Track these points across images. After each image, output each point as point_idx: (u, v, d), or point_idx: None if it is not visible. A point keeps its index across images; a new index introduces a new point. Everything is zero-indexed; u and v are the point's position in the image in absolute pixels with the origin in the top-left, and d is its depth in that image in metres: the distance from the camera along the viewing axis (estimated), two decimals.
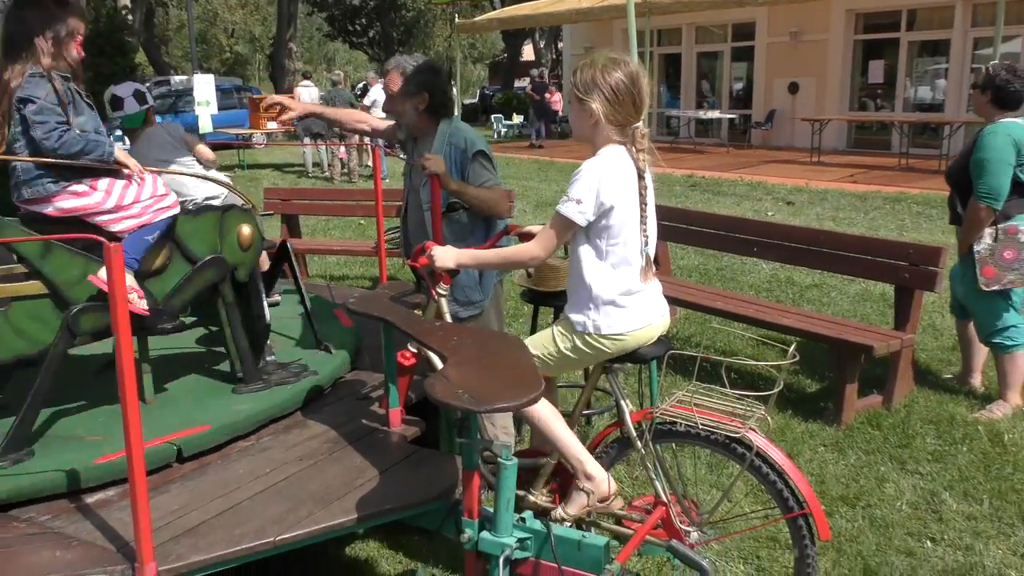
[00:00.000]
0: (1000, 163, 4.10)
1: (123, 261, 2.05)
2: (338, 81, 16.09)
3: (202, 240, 3.23)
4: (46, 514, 2.46)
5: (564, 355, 2.59)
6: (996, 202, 4.14)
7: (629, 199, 2.47)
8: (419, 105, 3.39)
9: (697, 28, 20.51)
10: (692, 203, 11.15)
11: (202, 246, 3.22)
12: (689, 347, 5.37)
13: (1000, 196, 4.14)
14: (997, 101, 4.22)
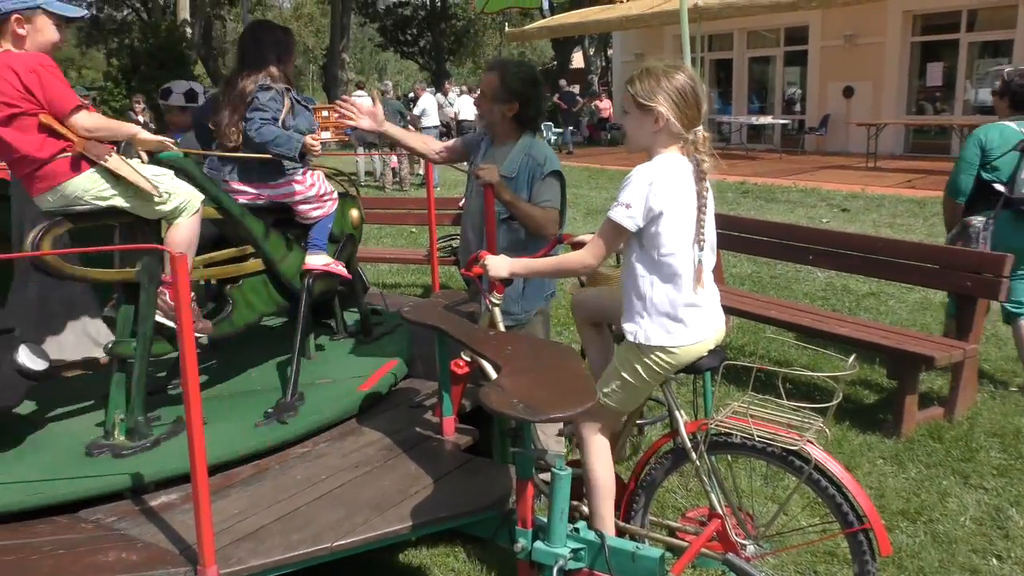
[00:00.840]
0: (964, 162, 4.56)
1: (188, 270, 2.11)
2: (387, 91, 16.28)
3: (336, 223, 3.84)
4: (112, 516, 2.53)
5: (628, 382, 2.55)
6: (956, 197, 4.59)
7: (683, 206, 2.44)
8: (507, 112, 3.37)
9: (749, 33, 20.30)
10: (744, 210, 11.03)
11: (336, 228, 3.84)
12: (742, 356, 5.31)
13: (959, 192, 4.57)
14: (1014, 105, 4.55)
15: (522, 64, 3.56)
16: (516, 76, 3.37)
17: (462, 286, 6.86)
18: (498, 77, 3.37)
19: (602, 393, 2.57)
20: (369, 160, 16.33)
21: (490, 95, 3.39)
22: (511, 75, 3.37)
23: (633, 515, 2.77)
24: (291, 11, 49.71)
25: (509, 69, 3.41)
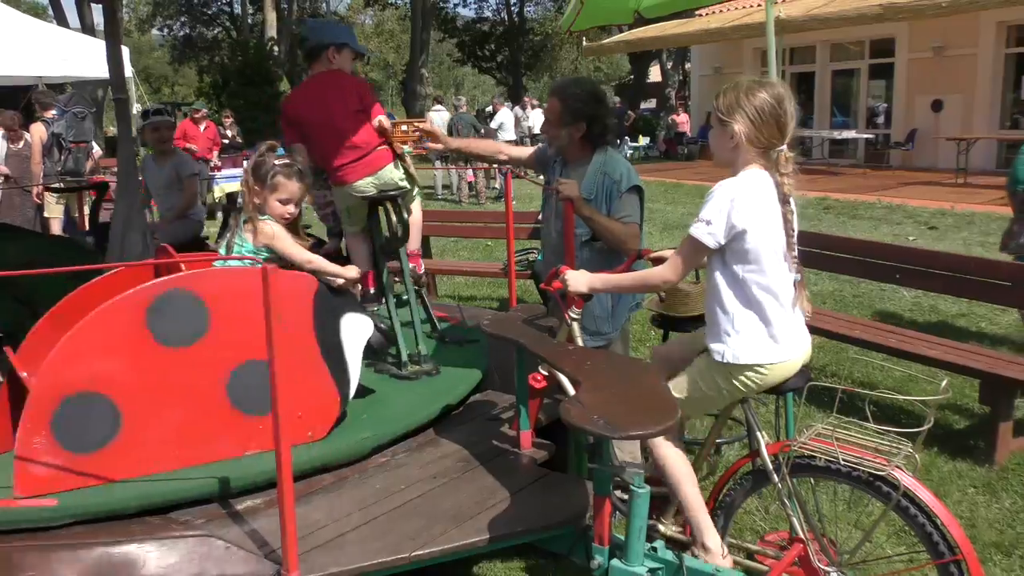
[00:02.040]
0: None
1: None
2: (460, 106, 16.47)
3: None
4: (201, 518, 2.61)
5: (704, 392, 2.53)
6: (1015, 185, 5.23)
7: (768, 224, 2.40)
8: (575, 133, 3.38)
9: (832, 45, 19.85)
10: (826, 227, 10.76)
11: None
12: (824, 377, 5.18)
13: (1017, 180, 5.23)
14: None
15: (581, 82, 3.53)
16: (578, 96, 3.37)
17: (538, 300, 6.88)
18: (560, 101, 3.38)
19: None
20: (446, 174, 16.54)
21: (555, 120, 3.40)
22: (572, 96, 3.36)
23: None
24: (372, 27, 50.80)
25: (569, 90, 3.40)
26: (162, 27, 41.57)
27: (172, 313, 2.78)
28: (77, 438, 2.67)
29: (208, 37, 39.67)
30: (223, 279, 2.98)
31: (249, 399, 2.88)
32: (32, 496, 2.60)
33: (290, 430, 2.40)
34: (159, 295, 2.77)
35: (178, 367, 2.78)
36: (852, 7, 14.24)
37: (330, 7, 35.38)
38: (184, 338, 2.80)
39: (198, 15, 38.94)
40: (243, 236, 3.21)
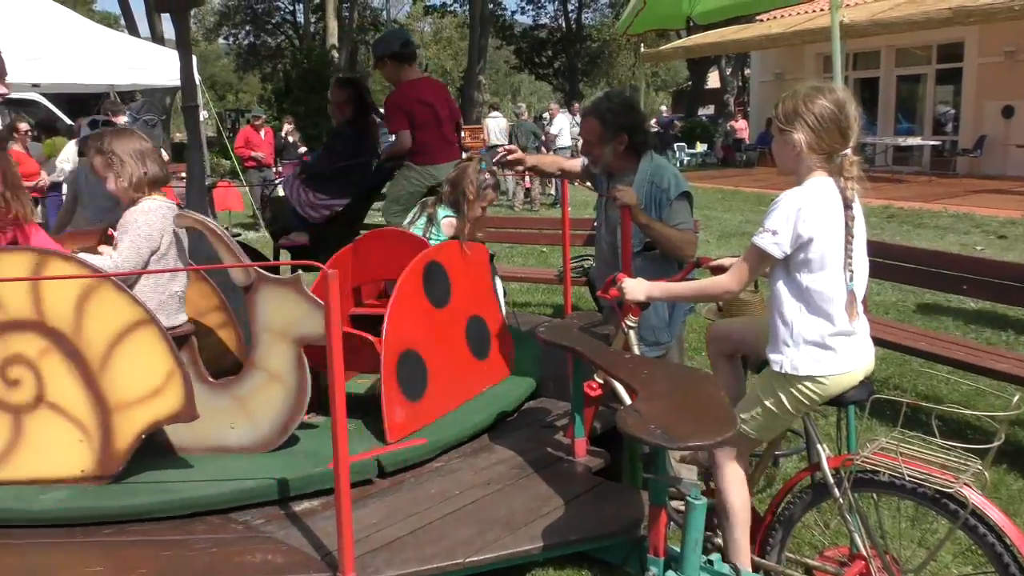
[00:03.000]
0: None
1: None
2: (520, 113, 16.52)
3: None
4: (260, 518, 2.66)
5: (769, 411, 2.47)
6: None
7: (832, 232, 2.36)
8: (618, 147, 3.39)
9: (897, 50, 19.42)
10: (889, 235, 10.51)
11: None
12: (887, 389, 5.05)
13: None
14: None
15: (612, 95, 3.56)
16: (612, 110, 3.39)
17: (592, 307, 6.85)
18: (597, 120, 3.39)
19: (740, 419, 2.51)
20: (503, 180, 16.61)
21: (597, 140, 3.42)
22: (607, 111, 3.39)
23: (769, 550, 2.67)
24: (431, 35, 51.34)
25: (603, 107, 3.43)
26: (228, 36, 42.60)
27: (435, 280, 3.46)
28: (411, 389, 3.24)
29: (272, 45, 40.52)
30: (452, 251, 3.65)
31: (477, 347, 3.67)
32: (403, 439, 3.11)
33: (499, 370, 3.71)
34: (426, 265, 3.42)
35: (443, 325, 3.48)
36: (919, 11, 13.91)
37: (390, 16, 35.83)
38: (442, 300, 3.50)
39: (262, 24, 39.82)
40: (440, 228, 4.00)
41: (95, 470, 2.82)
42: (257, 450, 3.01)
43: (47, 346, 2.76)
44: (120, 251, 3.01)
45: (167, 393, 2.78)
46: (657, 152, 3.52)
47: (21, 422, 2.80)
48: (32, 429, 2.81)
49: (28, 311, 2.75)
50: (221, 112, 26.99)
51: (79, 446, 2.82)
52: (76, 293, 2.74)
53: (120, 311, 2.75)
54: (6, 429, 2.80)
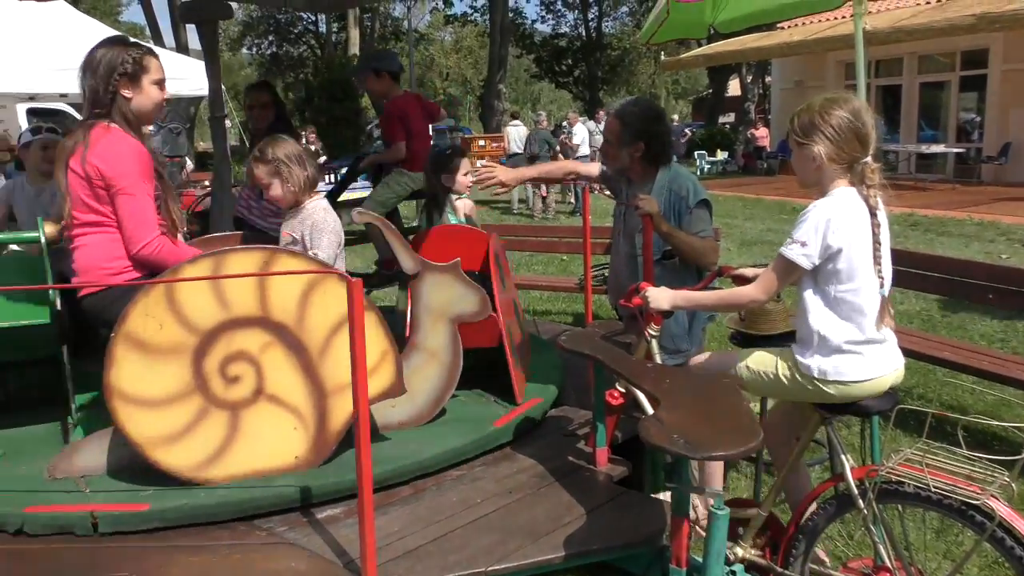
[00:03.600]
0: None
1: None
2: (540, 121, 16.55)
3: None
4: (283, 525, 2.67)
5: (780, 381, 2.50)
6: None
7: (861, 242, 2.37)
8: (635, 153, 3.40)
9: (920, 57, 19.26)
10: (912, 243, 10.42)
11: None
12: (911, 399, 5.00)
13: None
14: None
15: (639, 102, 3.57)
16: (636, 116, 3.40)
17: (613, 315, 6.84)
18: (619, 121, 3.42)
19: (746, 367, 2.54)
20: (522, 188, 16.63)
21: (615, 140, 3.44)
22: (631, 116, 3.41)
23: (792, 561, 2.65)
24: (452, 44, 51.56)
25: (627, 110, 3.45)
26: (251, 46, 42.98)
27: (499, 265, 3.77)
28: (519, 360, 3.70)
29: (294, 55, 40.84)
30: (497, 240, 3.89)
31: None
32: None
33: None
34: (496, 251, 3.74)
35: (506, 305, 3.75)
36: (942, 18, 13.82)
37: (411, 25, 36.03)
38: (503, 284, 3.76)
39: (285, 34, 40.15)
40: (453, 212, 4.15)
41: (309, 455, 2.91)
42: (413, 424, 3.33)
43: (270, 340, 2.84)
44: (323, 248, 3.23)
45: (380, 372, 2.96)
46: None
47: (238, 418, 2.84)
48: (249, 423, 2.85)
49: (254, 308, 2.81)
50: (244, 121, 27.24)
51: (294, 434, 2.89)
52: (301, 287, 2.84)
53: (342, 301, 2.72)
54: (222, 427, 2.82)
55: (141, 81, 2.90)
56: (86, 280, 2.85)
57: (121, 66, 2.85)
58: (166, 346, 2.71)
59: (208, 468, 2.80)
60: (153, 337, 2.69)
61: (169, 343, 2.71)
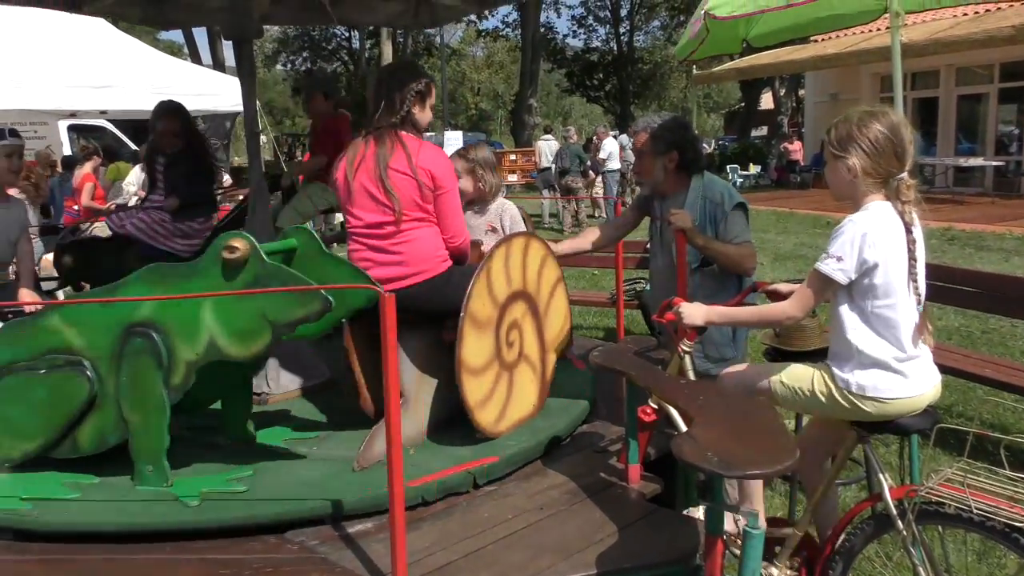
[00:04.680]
0: None
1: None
2: (570, 136, 16.59)
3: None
4: (314, 539, 2.67)
5: (816, 397, 2.46)
6: None
7: (896, 257, 2.34)
8: (668, 164, 3.41)
9: (957, 69, 19.01)
10: (950, 258, 10.26)
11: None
12: (950, 417, 4.91)
13: None
14: None
15: (665, 114, 3.64)
16: (664, 127, 3.45)
17: (644, 330, 6.80)
18: (647, 134, 3.47)
19: (781, 382, 2.50)
20: (553, 202, 16.64)
21: (649, 153, 3.46)
22: (659, 127, 3.46)
23: None
24: (483, 59, 51.89)
25: (655, 123, 3.51)
26: (286, 63, 43.61)
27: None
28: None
29: (328, 71, 41.35)
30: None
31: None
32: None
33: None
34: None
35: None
36: (980, 29, 13.64)
37: (443, 40, 36.33)
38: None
39: (320, 50, 40.70)
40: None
41: (538, 403, 3.52)
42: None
43: (526, 308, 3.43)
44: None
45: (566, 328, 3.70)
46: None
47: (512, 377, 3.36)
48: (516, 381, 3.39)
49: (520, 282, 3.37)
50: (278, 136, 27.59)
51: (532, 386, 3.49)
52: (538, 263, 3.48)
53: (555, 272, 3.61)
54: (505, 386, 3.33)
55: (426, 102, 3.30)
56: (420, 269, 3.21)
57: (416, 85, 3.22)
58: (485, 321, 3.19)
59: (498, 424, 3.27)
60: (481, 313, 3.16)
61: (487, 318, 3.20)
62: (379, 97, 3.19)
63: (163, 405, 2.85)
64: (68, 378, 2.90)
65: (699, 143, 3.55)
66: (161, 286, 2.87)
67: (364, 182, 3.13)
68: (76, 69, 10.97)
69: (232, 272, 2.80)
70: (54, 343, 2.94)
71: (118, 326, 2.86)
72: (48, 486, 2.92)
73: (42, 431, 2.96)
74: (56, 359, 2.92)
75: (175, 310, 2.83)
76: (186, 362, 2.84)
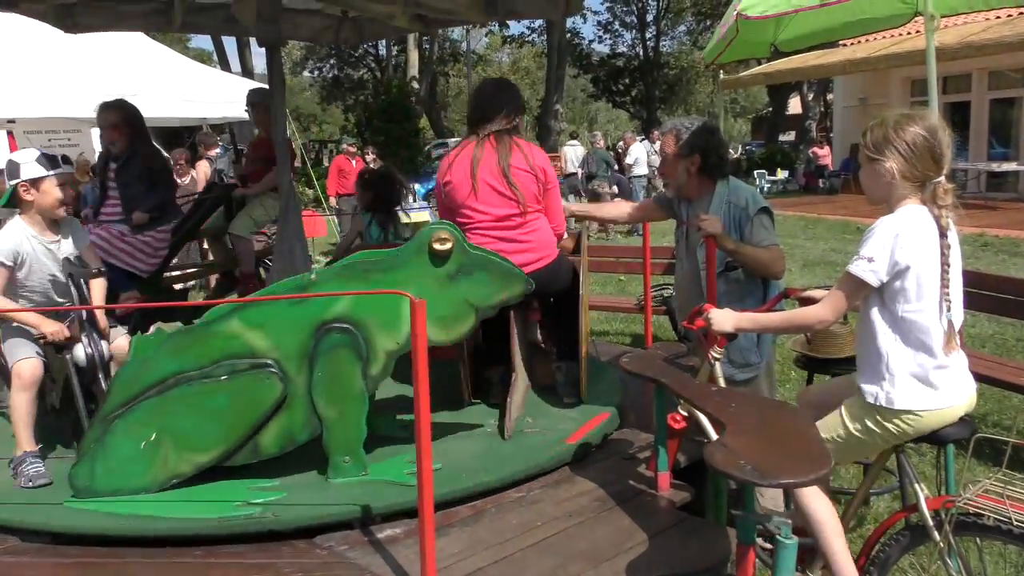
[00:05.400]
0: None
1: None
2: (596, 141, 16.54)
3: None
4: (343, 544, 2.68)
5: (853, 436, 2.40)
6: None
7: (928, 261, 2.29)
8: (691, 167, 3.41)
9: (990, 73, 18.72)
10: (984, 265, 10.09)
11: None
12: (985, 427, 4.82)
13: None
14: None
15: (693, 118, 3.64)
16: (690, 130, 3.45)
17: (672, 336, 6.76)
18: (673, 136, 3.48)
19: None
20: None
21: (672, 154, 3.47)
22: (684, 129, 3.47)
23: None
24: (509, 65, 51.93)
25: (680, 124, 3.52)
26: (313, 69, 43.92)
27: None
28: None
29: (354, 78, 41.60)
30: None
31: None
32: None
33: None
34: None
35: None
36: (1013, 32, 13.44)
37: (469, 47, 36.44)
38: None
39: (346, 57, 40.92)
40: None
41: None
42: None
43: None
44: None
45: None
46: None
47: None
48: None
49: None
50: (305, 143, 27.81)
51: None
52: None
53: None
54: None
55: (522, 116, 3.75)
56: (544, 254, 3.58)
57: (521, 100, 3.73)
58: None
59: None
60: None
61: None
62: (494, 108, 3.56)
63: (362, 396, 2.97)
64: (256, 381, 2.89)
65: (724, 148, 3.52)
66: (361, 281, 2.96)
67: (488, 179, 3.45)
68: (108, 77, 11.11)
69: (439, 261, 2.98)
70: (233, 348, 2.90)
71: (309, 325, 2.92)
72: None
73: (222, 440, 2.91)
74: (238, 364, 2.89)
75: (375, 303, 2.93)
76: (387, 352, 2.97)
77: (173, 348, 2.91)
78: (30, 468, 3.15)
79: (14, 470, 3.17)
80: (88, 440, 2.92)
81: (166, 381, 2.88)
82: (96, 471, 2.88)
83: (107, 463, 2.87)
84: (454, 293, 3.00)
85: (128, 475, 2.87)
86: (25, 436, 3.20)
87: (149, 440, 2.86)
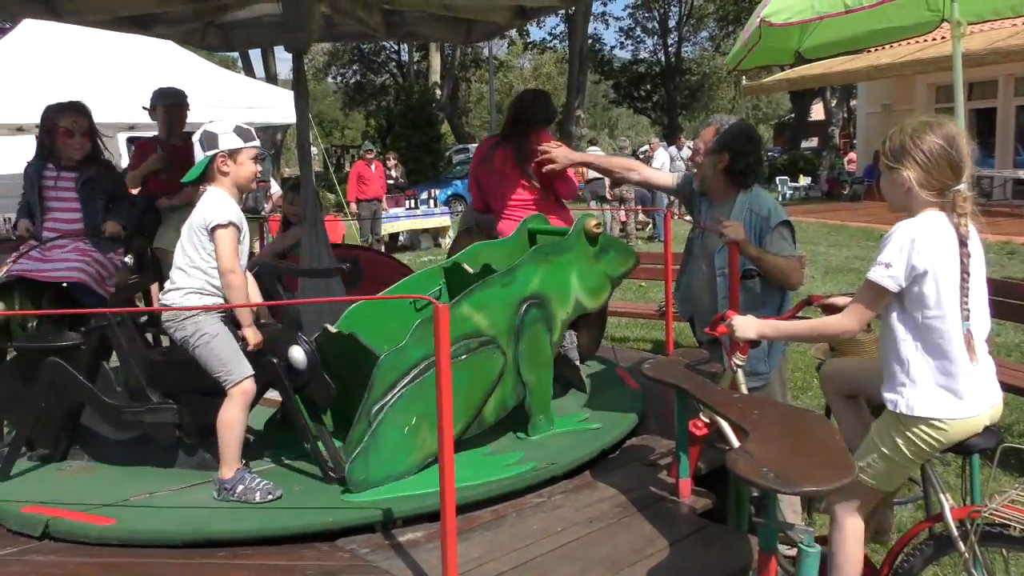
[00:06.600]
0: None
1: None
2: (624, 147, 16.52)
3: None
4: (365, 547, 2.70)
5: (887, 457, 2.36)
6: None
7: (947, 267, 2.27)
8: (717, 164, 3.38)
9: (1016, 79, 18.52)
10: (1010, 273, 9.98)
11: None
12: (1011, 437, 4.77)
13: None
14: None
15: (742, 121, 3.61)
16: (728, 129, 3.43)
17: (692, 343, 6.73)
18: (714, 128, 3.47)
19: (858, 467, 2.41)
20: (602, 213, 16.60)
21: (705, 146, 3.45)
22: (725, 123, 3.46)
23: None
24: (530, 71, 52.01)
25: (725, 120, 3.51)
26: (336, 75, 44.18)
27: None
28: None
29: (377, 83, 41.80)
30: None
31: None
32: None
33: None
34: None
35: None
36: None
37: (491, 52, 36.51)
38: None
39: (369, 63, 41.17)
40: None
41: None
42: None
43: None
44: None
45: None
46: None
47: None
48: None
49: None
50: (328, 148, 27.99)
51: None
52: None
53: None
54: None
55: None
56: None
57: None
58: None
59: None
60: None
61: None
62: (531, 112, 4.31)
63: (551, 361, 3.54)
64: (486, 357, 3.24)
65: (756, 158, 3.44)
66: (546, 263, 3.52)
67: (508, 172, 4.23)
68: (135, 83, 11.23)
69: (592, 243, 3.67)
70: (466, 329, 3.19)
71: (515, 303, 3.38)
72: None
73: (463, 415, 3.17)
74: (470, 343, 3.19)
75: (554, 279, 3.53)
76: (562, 321, 3.57)
77: (420, 336, 3.00)
78: (260, 484, 2.99)
79: (232, 490, 2.97)
80: (355, 436, 2.94)
81: (419, 365, 3.02)
82: (370, 463, 2.94)
83: (379, 454, 2.95)
84: (600, 268, 3.70)
85: (396, 461, 3.00)
86: (237, 455, 3.00)
87: (411, 425, 3.01)
